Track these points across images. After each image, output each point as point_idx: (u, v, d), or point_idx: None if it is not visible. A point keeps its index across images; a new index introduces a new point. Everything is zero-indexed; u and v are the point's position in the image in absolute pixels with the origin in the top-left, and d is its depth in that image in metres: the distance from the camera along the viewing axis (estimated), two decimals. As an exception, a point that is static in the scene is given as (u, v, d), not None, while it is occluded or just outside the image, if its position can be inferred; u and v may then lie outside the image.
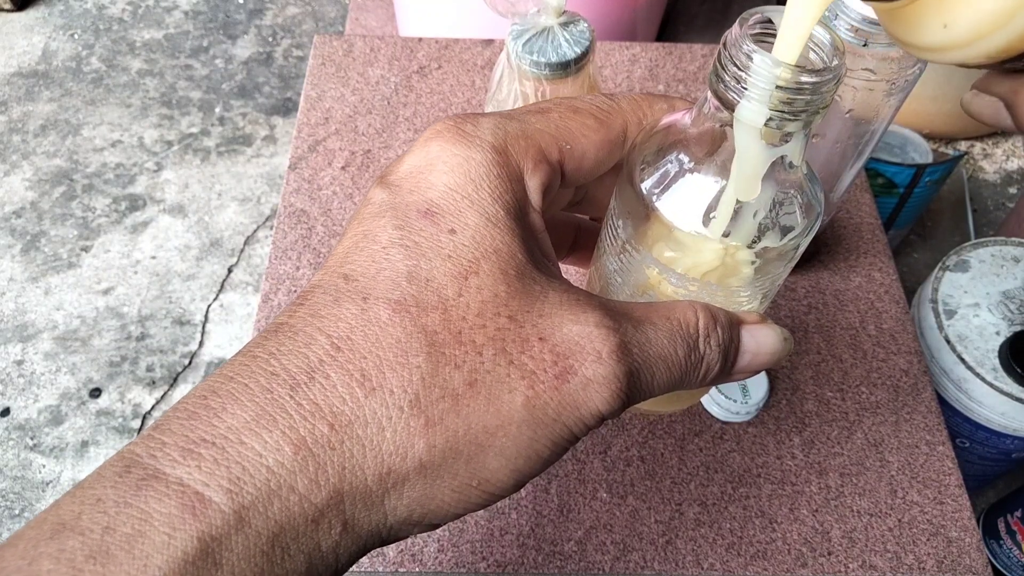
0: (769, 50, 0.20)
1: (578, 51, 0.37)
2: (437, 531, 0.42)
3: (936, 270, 0.77)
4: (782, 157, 0.21)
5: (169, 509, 0.15)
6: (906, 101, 0.38)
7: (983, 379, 0.70)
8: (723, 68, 0.20)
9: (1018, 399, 0.69)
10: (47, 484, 1.09)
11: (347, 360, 0.17)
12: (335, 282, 0.18)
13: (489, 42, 0.65)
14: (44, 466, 1.10)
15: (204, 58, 1.58)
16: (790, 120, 0.19)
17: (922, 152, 0.99)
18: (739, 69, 0.19)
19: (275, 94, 1.53)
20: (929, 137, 0.98)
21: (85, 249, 1.31)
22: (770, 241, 0.22)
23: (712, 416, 0.46)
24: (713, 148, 0.22)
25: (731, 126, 0.21)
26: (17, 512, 1.06)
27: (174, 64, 1.57)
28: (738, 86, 0.19)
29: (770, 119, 0.19)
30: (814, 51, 0.20)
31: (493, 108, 0.42)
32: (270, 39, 1.62)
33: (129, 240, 1.32)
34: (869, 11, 0.33)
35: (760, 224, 0.22)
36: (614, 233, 0.24)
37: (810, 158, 0.44)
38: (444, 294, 0.18)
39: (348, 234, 0.20)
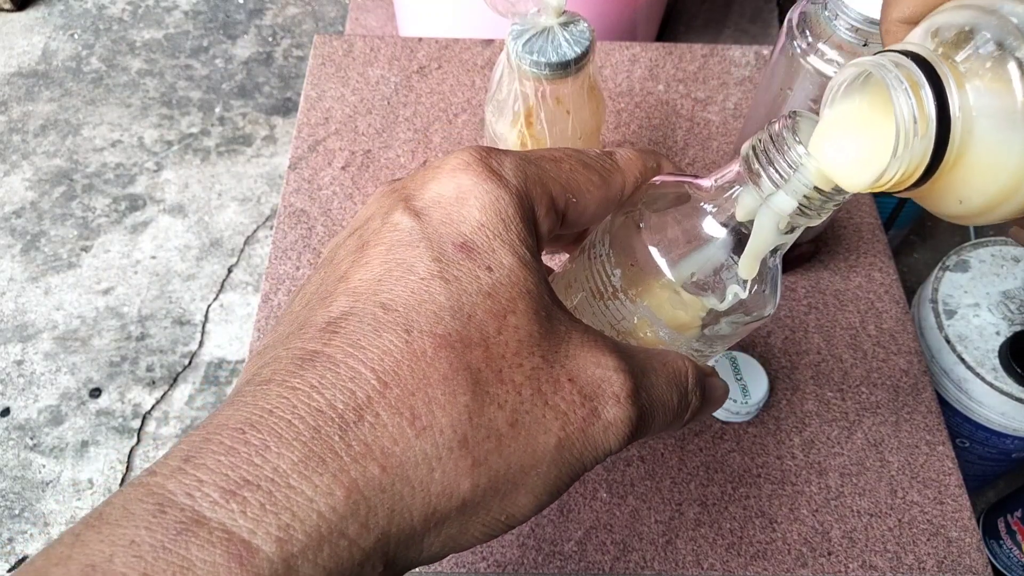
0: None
1: (578, 51, 0.37)
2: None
3: (936, 270, 0.77)
4: (776, 248, 0.23)
5: (214, 558, 0.14)
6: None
7: (983, 379, 0.70)
8: (768, 157, 0.21)
9: (1018, 399, 0.69)
10: (47, 484, 1.09)
11: (396, 398, 0.17)
12: (372, 311, 0.18)
13: (489, 42, 0.65)
14: (44, 466, 1.10)
15: (204, 58, 1.58)
16: (807, 215, 0.22)
17: (922, 152, 0.99)
18: (786, 164, 0.21)
19: (275, 94, 1.53)
20: (929, 137, 0.98)
21: (85, 249, 1.31)
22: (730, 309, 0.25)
23: (712, 416, 0.46)
24: (726, 221, 0.23)
25: (746, 204, 0.22)
26: (17, 512, 1.06)
27: (174, 64, 1.57)
28: (780, 178, 0.21)
29: (794, 211, 0.22)
30: None
31: (493, 108, 0.42)
32: (270, 39, 1.62)
33: (129, 240, 1.32)
34: (869, 11, 0.33)
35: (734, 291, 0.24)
36: (604, 279, 0.25)
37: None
38: (485, 331, 0.18)
39: (374, 259, 0.19)
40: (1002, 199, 0.18)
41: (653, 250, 0.23)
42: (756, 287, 0.24)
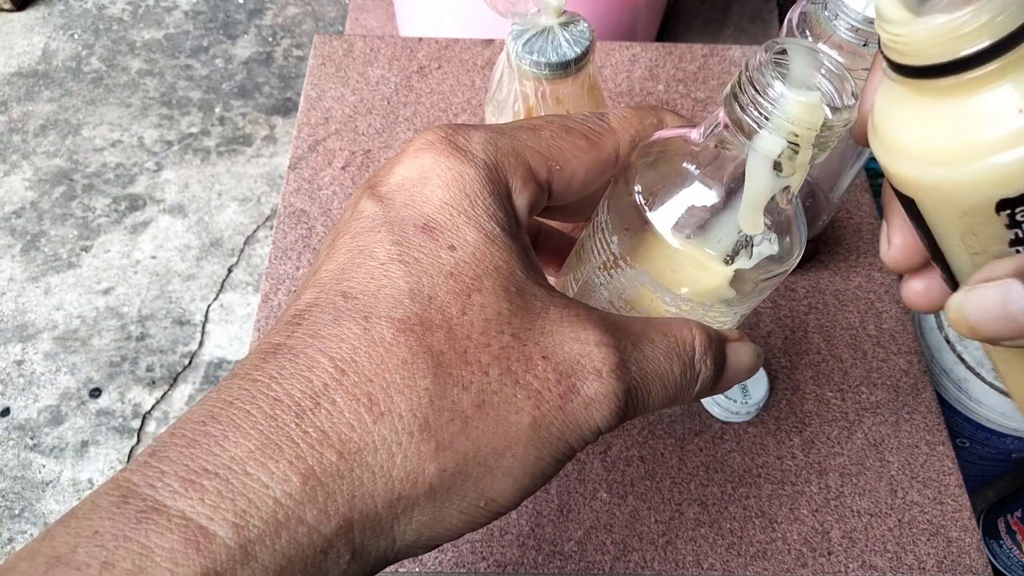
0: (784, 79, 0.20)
1: (578, 51, 0.37)
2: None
3: (936, 270, 0.77)
4: (786, 188, 0.21)
5: (171, 544, 0.15)
6: (906, 101, 0.38)
7: (983, 379, 0.70)
8: (746, 96, 0.20)
9: (1018, 399, 0.69)
10: (47, 484, 1.09)
11: (353, 384, 0.17)
12: (333, 300, 0.18)
13: (489, 42, 0.65)
14: (44, 466, 1.10)
15: (204, 58, 1.58)
16: (801, 152, 0.20)
17: (922, 152, 0.99)
18: (765, 101, 0.19)
19: (275, 94, 1.53)
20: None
21: (85, 249, 1.31)
22: (760, 263, 0.23)
23: (712, 416, 0.46)
24: (720, 172, 0.22)
25: (737, 150, 0.21)
26: (17, 512, 1.06)
27: (174, 64, 1.57)
28: (760, 116, 0.19)
29: (783, 151, 0.20)
30: (828, 85, 0.20)
31: (493, 108, 0.42)
32: (270, 39, 1.62)
33: (129, 240, 1.32)
34: (869, 11, 0.33)
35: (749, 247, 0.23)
36: (604, 248, 0.24)
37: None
38: (448, 312, 0.18)
39: (340, 249, 0.19)
40: None
41: (646, 211, 0.22)
42: (768, 238, 0.22)
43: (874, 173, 0.95)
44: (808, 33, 0.37)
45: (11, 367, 1.19)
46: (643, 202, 0.22)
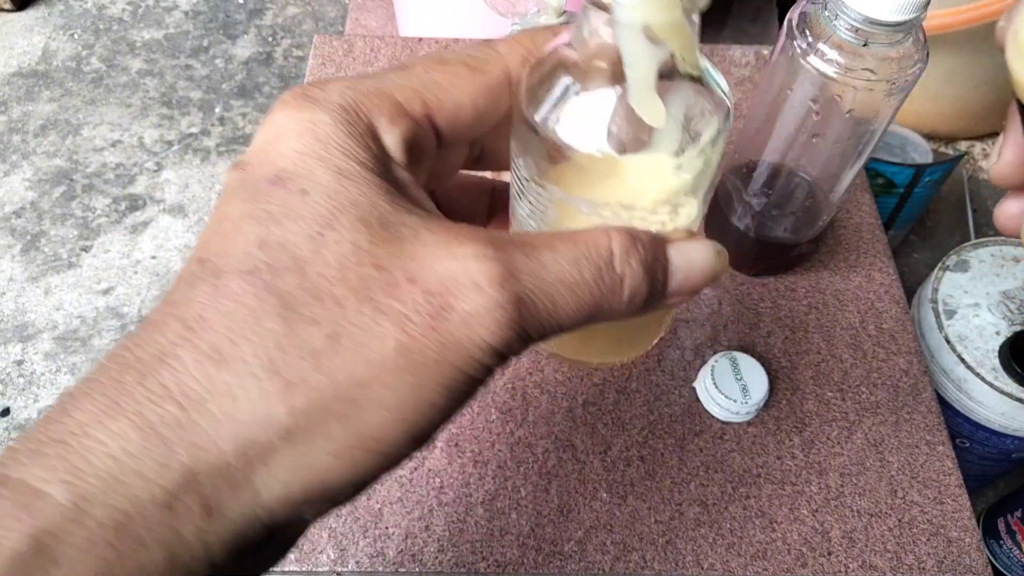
0: None
1: (578, 51, 0.37)
2: (437, 531, 0.42)
3: (936, 270, 0.77)
4: (673, 55, 0.20)
5: (4, 509, 0.15)
6: (906, 101, 0.38)
7: (983, 379, 0.70)
8: None
9: (1018, 399, 0.69)
10: (47, 484, 1.09)
11: (200, 339, 0.16)
12: (191, 269, 0.18)
13: (489, 42, 0.65)
14: (44, 466, 1.10)
15: (204, 58, 1.58)
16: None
17: (922, 152, 0.99)
18: None
19: (275, 94, 1.53)
20: (929, 137, 0.98)
21: (85, 249, 1.31)
22: (689, 148, 0.21)
23: (712, 416, 0.46)
24: (601, 62, 0.20)
25: (607, 34, 0.20)
26: (17, 512, 1.06)
27: (174, 64, 1.57)
28: None
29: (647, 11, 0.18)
30: None
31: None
32: (270, 39, 1.62)
33: (129, 240, 1.32)
34: (869, 11, 0.33)
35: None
36: (517, 175, 0.23)
37: (810, 159, 0.44)
38: (299, 254, 0.17)
39: (208, 223, 0.19)
40: None
41: (539, 122, 0.21)
42: (688, 102, 0.21)
43: (874, 173, 0.95)
44: (808, 33, 0.37)
45: (11, 367, 1.19)
46: (533, 115, 0.21)
